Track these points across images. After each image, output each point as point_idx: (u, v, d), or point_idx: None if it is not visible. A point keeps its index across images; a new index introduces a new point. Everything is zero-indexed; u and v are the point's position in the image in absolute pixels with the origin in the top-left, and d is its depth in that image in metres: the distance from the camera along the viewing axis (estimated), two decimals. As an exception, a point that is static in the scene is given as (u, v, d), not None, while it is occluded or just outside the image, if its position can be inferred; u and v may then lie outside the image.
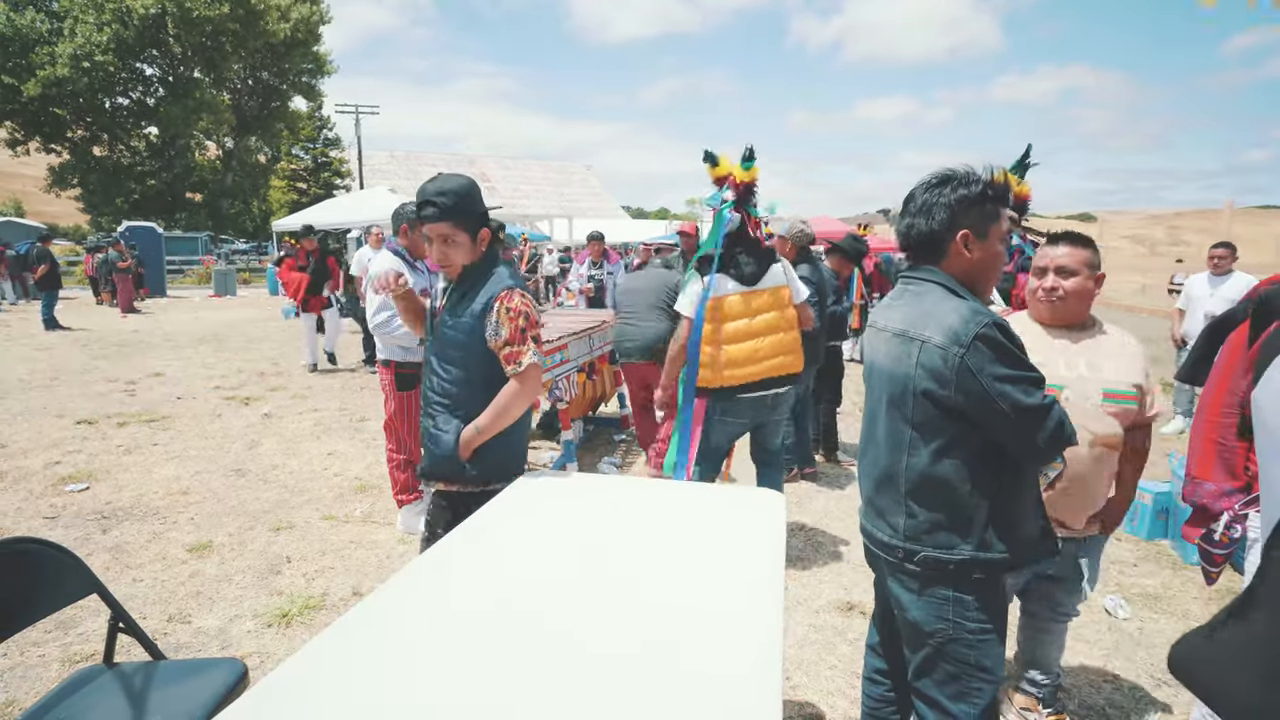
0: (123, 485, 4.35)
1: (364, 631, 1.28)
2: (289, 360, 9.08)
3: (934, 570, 1.48)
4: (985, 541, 1.44)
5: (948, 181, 1.49)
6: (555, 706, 1.08)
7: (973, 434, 1.42)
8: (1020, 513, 1.48)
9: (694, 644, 1.24)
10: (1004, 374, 1.35)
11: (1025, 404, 1.35)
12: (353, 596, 3.02)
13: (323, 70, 32.85)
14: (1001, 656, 1.52)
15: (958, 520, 1.45)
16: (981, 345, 1.35)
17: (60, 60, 24.88)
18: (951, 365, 1.37)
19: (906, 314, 1.50)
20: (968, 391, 1.37)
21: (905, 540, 1.51)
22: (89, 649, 2.59)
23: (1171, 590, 3.22)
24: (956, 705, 1.51)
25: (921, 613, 1.52)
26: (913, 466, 1.48)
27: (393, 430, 3.68)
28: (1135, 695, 2.46)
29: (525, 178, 41.97)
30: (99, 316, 13.98)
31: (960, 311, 1.40)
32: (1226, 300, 5.40)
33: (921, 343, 1.43)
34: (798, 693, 2.41)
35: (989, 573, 1.46)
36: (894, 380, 1.50)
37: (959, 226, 1.47)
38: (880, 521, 1.58)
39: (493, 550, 1.64)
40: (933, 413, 1.43)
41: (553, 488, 2.08)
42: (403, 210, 3.62)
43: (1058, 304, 1.85)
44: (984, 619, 1.48)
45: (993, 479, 1.44)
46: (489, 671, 1.16)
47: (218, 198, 32.00)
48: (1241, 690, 0.59)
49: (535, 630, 1.28)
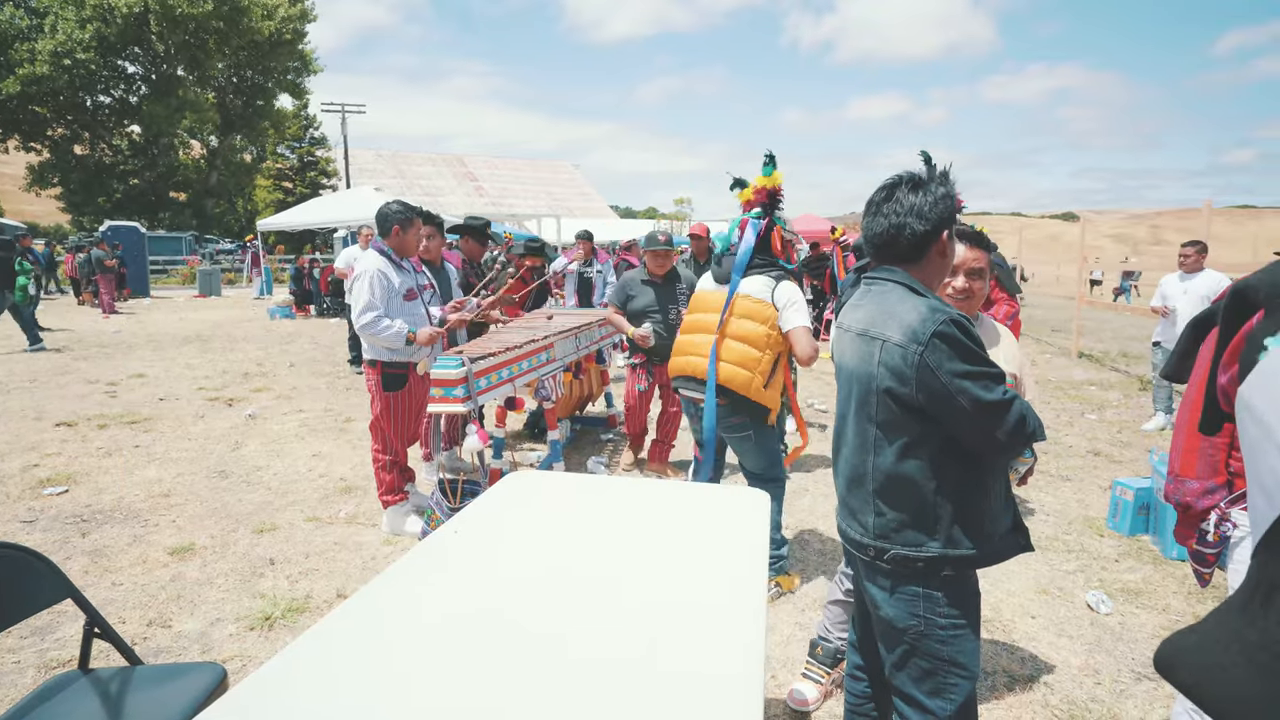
0: (103, 488, 4.28)
1: (345, 634, 1.27)
2: (274, 361, 8.99)
3: (904, 568, 1.49)
4: (953, 539, 1.45)
5: (926, 183, 1.50)
6: (536, 707, 1.07)
7: (935, 431, 1.43)
8: (988, 508, 1.49)
9: (677, 642, 1.24)
10: (962, 370, 1.36)
11: (985, 400, 1.36)
12: (337, 598, 2.99)
13: (309, 68, 32.60)
14: (976, 651, 1.54)
15: (924, 518, 1.46)
16: (939, 342, 1.36)
17: (40, 57, 24.52)
18: (911, 363, 1.38)
19: (869, 313, 1.52)
20: (927, 389, 1.38)
21: (875, 539, 1.53)
22: (65, 654, 2.55)
23: (1153, 585, 3.25)
24: (933, 701, 1.52)
25: (894, 610, 1.53)
26: (879, 465, 1.50)
27: (378, 431, 3.65)
28: (1117, 689, 2.49)
29: (514, 177, 41.85)
30: (80, 317, 13.78)
31: (919, 309, 1.41)
32: (1198, 297, 5.48)
33: (882, 341, 1.44)
34: (783, 690, 2.41)
35: (958, 569, 1.48)
36: (859, 379, 1.52)
37: (944, 227, 1.51)
38: (853, 520, 1.60)
39: (478, 551, 1.63)
40: (895, 411, 1.45)
41: (538, 487, 2.07)
42: (388, 210, 3.58)
43: (964, 304, 1.90)
44: (955, 614, 1.50)
45: (958, 476, 1.45)
46: (471, 673, 1.15)
47: (202, 197, 31.67)
48: (1226, 685, 0.59)
49: (518, 631, 1.27)
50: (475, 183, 39.65)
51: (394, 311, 3.46)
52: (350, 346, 8.49)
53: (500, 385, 3.66)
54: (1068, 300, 16.11)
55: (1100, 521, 3.98)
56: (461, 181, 39.44)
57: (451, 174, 40.14)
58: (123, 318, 13.77)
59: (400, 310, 3.50)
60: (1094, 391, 7.68)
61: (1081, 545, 3.68)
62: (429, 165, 40.46)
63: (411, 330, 3.44)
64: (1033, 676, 2.54)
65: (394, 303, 3.48)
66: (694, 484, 2.99)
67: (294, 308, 14.70)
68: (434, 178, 38.90)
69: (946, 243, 1.53)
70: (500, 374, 3.65)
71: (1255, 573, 0.68)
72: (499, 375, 3.63)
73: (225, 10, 26.59)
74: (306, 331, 11.99)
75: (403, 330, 3.40)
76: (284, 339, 11.02)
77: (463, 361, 3.29)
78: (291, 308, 14.60)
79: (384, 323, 3.37)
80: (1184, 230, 38.99)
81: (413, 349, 3.54)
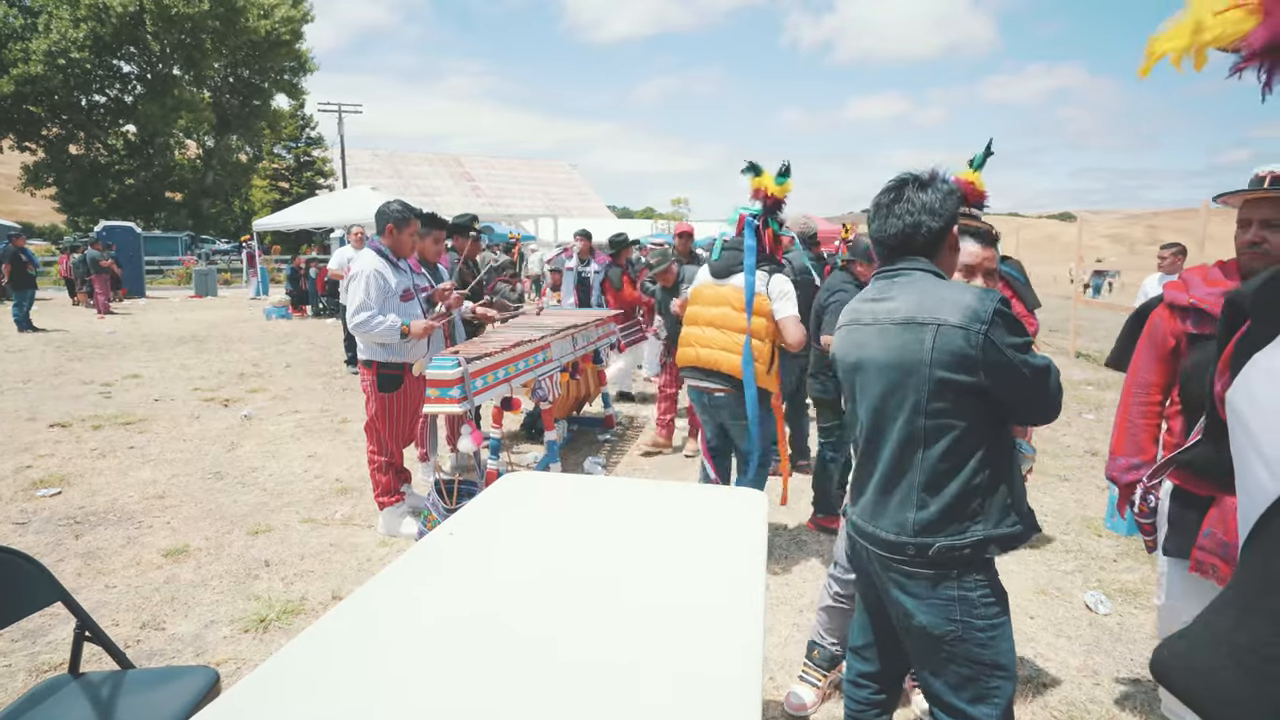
0: (97, 489, 4.26)
1: (339, 636, 1.26)
2: (270, 361, 8.96)
3: (946, 560, 1.45)
4: (998, 519, 1.46)
5: (932, 180, 1.55)
6: (532, 710, 1.06)
7: (985, 413, 1.45)
8: (1017, 485, 1.51)
9: (675, 644, 1.23)
10: (1019, 343, 1.41)
11: (1037, 365, 1.42)
12: (332, 600, 2.97)
13: (305, 68, 32.51)
14: (1013, 652, 1.51)
15: (967, 504, 1.45)
16: (999, 320, 1.40)
17: (35, 57, 24.41)
18: (975, 343, 1.39)
19: (910, 301, 1.49)
20: (993, 365, 1.39)
21: (916, 535, 1.47)
22: (57, 658, 2.53)
23: (1151, 585, 3.25)
24: (977, 708, 1.48)
25: (928, 616, 1.48)
26: (929, 458, 1.46)
27: (374, 431, 3.63)
28: (1116, 689, 2.48)
29: (510, 176, 41.81)
30: (75, 317, 13.73)
31: (972, 291, 1.44)
32: None
33: (937, 326, 1.42)
34: (781, 692, 2.40)
35: (1003, 546, 1.47)
36: (900, 370, 1.48)
37: (954, 221, 1.56)
38: (884, 521, 1.53)
39: (474, 552, 1.61)
40: (951, 398, 1.43)
41: (534, 488, 2.06)
42: (387, 209, 3.57)
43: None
44: (991, 615, 1.48)
45: (997, 454, 1.47)
46: (467, 675, 1.14)
47: (198, 197, 31.58)
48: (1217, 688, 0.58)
49: (515, 632, 1.26)
50: (472, 182, 39.62)
51: (390, 311, 3.45)
52: (346, 347, 8.46)
53: (497, 386, 3.65)
54: (1064, 300, 16.13)
55: (1098, 522, 3.97)
56: (458, 181, 39.41)
57: (448, 174, 40.11)
58: (118, 318, 13.71)
59: (397, 310, 3.48)
60: (1091, 391, 7.69)
61: (1079, 545, 3.68)
62: (426, 165, 40.40)
63: (405, 323, 3.42)
64: (1031, 677, 2.53)
65: (390, 303, 3.46)
66: (691, 485, 2.98)
67: (290, 308, 14.67)
68: (431, 178, 38.86)
69: (956, 236, 1.59)
70: (496, 374, 3.63)
71: (1241, 575, 0.68)
72: (495, 375, 3.62)
73: (221, 10, 26.50)
74: (303, 332, 11.96)
75: (396, 324, 3.38)
76: (280, 339, 10.99)
77: (459, 362, 3.27)
78: (288, 308, 14.57)
79: (377, 319, 3.36)
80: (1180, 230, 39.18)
81: (408, 348, 3.52)
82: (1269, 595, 0.60)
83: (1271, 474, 0.64)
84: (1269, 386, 0.68)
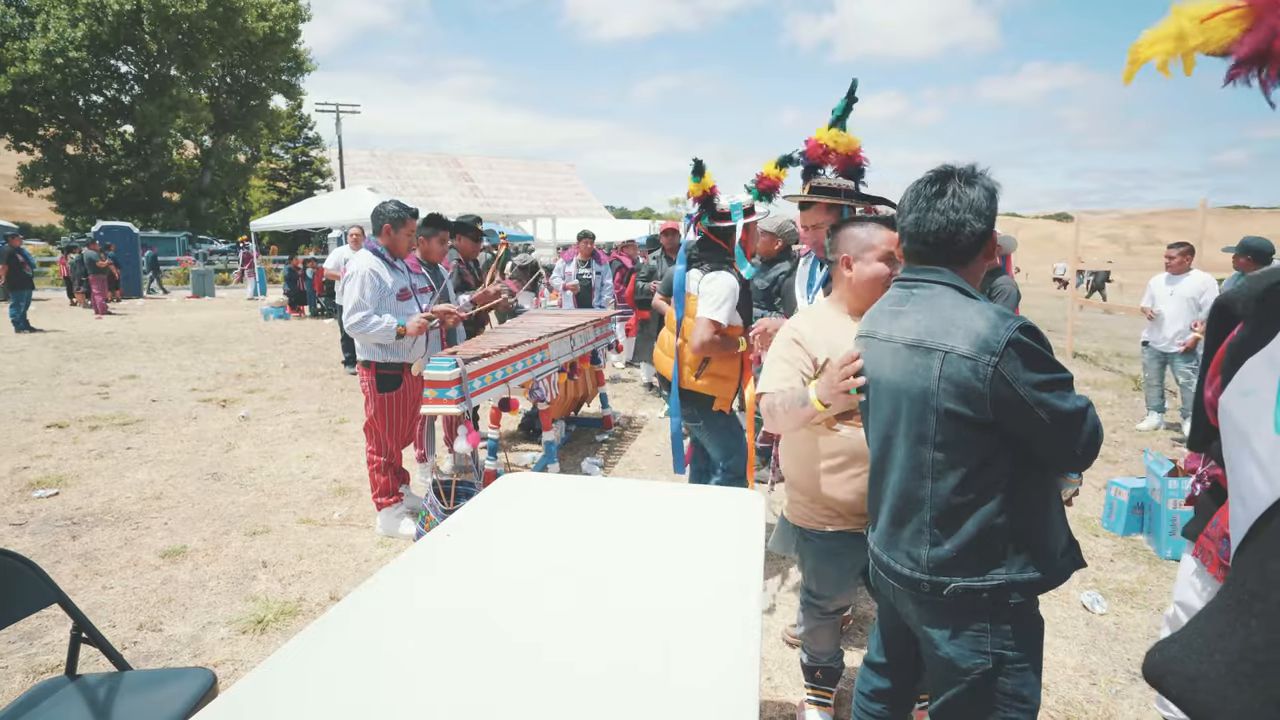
0: (94, 490, 4.25)
1: (336, 637, 1.26)
2: (267, 362, 8.94)
3: (965, 602, 1.35)
4: (1019, 563, 1.32)
5: (977, 177, 1.39)
6: (532, 709, 1.06)
7: (1002, 449, 1.30)
8: (1050, 526, 1.37)
9: (672, 645, 1.23)
10: (1040, 380, 1.24)
11: (1064, 410, 1.24)
12: (330, 601, 2.97)
13: (302, 68, 32.46)
14: (1039, 684, 1.40)
15: (988, 545, 1.32)
16: (1014, 352, 1.23)
17: (32, 56, 24.35)
18: (983, 376, 1.25)
19: (920, 321, 1.36)
20: (1003, 402, 1.25)
21: (930, 573, 1.36)
22: (54, 660, 2.52)
23: (1147, 585, 3.26)
24: None
25: (956, 649, 1.37)
26: (938, 492, 1.34)
27: (372, 432, 3.63)
28: (1112, 689, 2.49)
29: (509, 177, 41.76)
30: (73, 318, 13.70)
31: (987, 316, 1.28)
32: (1184, 299, 5.51)
33: (944, 353, 1.29)
34: (778, 693, 2.40)
35: (1027, 594, 1.34)
36: (909, 397, 1.36)
37: (993, 226, 1.40)
38: (897, 553, 1.43)
39: (472, 552, 1.61)
40: (959, 432, 1.30)
41: (533, 489, 2.06)
42: (384, 210, 3.57)
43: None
44: (1025, 646, 1.37)
45: (1024, 494, 1.33)
46: (463, 677, 1.14)
47: (196, 197, 31.51)
48: (1210, 694, 0.58)
49: (511, 633, 1.26)
50: (470, 183, 39.56)
51: (386, 311, 3.44)
52: (343, 347, 8.45)
53: (495, 386, 3.65)
54: (1060, 300, 16.17)
55: (1095, 521, 3.98)
56: (456, 181, 39.34)
57: (446, 174, 40.05)
58: (115, 318, 13.69)
59: (394, 310, 3.48)
60: (1088, 391, 7.70)
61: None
62: (424, 165, 40.33)
63: (401, 323, 3.42)
64: (1028, 677, 2.54)
65: (387, 302, 3.46)
66: (688, 486, 2.99)
67: (288, 308, 14.64)
68: (429, 178, 38.79)
69: (995, 242, 1.43)
70: (495, 375, 3.63)
71: (1234, 579, 0.68)
72: (493, 376, 3.62)
73: (219, 10, 26.45)
74: (300, 332, 11.94)
75: (392, 324, 3.38)
76: (278, 340, 10.97)
77: (457, 362, 3.27)
78: (285, 308, 14.54)
79: (372, 319, 3.35)
80: (1177, 230, 39.16)
81: (407, 348, 3.52)
82: (1262, 599, 0.61)
83: (1266, 478, 0.64)
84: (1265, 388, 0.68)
